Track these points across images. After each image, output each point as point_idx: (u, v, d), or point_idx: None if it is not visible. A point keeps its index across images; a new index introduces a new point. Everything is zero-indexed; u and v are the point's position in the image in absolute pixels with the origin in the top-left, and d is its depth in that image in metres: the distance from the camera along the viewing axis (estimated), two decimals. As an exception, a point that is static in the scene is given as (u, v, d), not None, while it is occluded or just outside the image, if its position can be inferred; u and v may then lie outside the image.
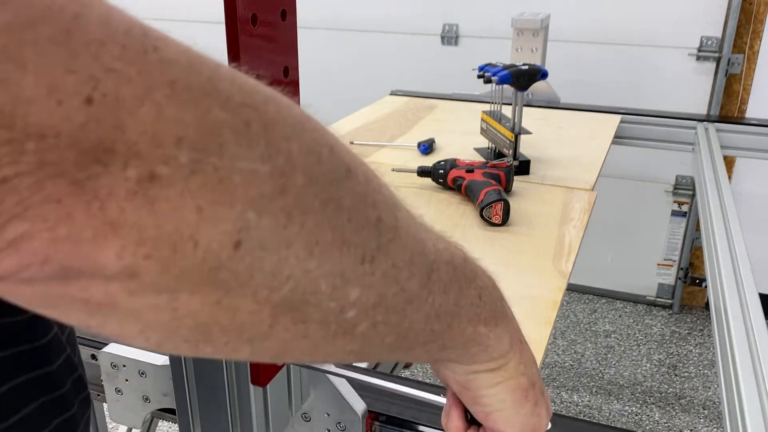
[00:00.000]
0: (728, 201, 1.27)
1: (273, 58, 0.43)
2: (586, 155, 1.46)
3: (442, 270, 0.30)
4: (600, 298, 2.68)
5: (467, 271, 0.32)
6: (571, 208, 1.16)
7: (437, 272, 0.29)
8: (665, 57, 2.33)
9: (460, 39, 2.57)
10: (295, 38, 0.45)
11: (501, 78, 1.30)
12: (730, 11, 2.22)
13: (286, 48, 0.44)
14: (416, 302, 0.28)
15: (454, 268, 0.31)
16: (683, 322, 2.54)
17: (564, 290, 0.90)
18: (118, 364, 0.67)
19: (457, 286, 0.31)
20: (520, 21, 1.88)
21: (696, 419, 2.03)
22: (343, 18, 2.69)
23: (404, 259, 0.27)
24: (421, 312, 0.28)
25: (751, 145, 1.84)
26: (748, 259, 1.03)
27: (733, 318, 0.89)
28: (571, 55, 2.38)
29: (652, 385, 2.18)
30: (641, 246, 2.57)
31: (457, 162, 1.21)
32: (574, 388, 2.16)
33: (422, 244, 0.29)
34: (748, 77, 2.31)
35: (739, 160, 2.37)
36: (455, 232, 1.04)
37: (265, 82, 0.23)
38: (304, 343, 0.24)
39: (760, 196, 2.37)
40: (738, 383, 0.76)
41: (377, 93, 2.05)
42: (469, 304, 0.32)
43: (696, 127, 1.83)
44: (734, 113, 2.35)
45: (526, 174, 1.32)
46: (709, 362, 2.29)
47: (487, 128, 1.45)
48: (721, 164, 1.51)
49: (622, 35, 2.36)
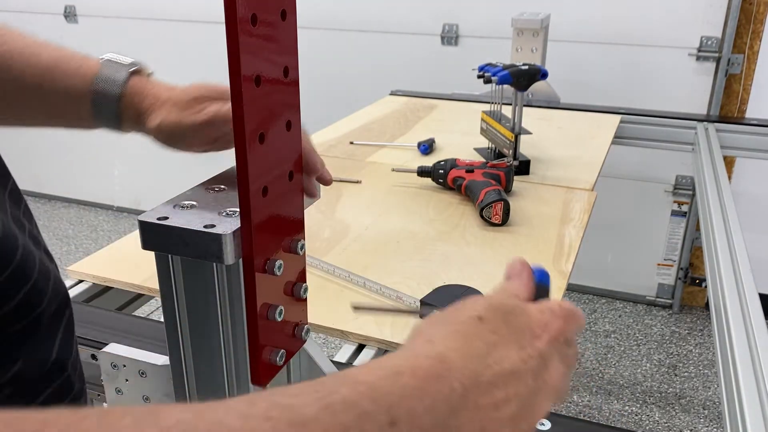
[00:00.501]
0: (728, 201, 1.27)
1: (273, 58, 0.43)
2: (586, 155, 1.46)
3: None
4: (600, 298, 2.68)
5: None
6: (571, 208, 1.16)
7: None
8: (665, 57, 2.33)
9: (460, 39, 2.57)
10: (295, 38, 0.45)
11: (501, 78, 1.30)
12: (730, 11, 2.22)
13: (286, 48, 0.44)
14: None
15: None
16: (683, 322, 2.54)
17: (564, 290, 0.90)
18: (118, 364, 0.67)
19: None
20: (520, 21, 1.88)
21: (696, 419, 2.03)
22: (343, 18, 2.69)
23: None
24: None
25: (751, 145, 1.84)
26: (748, 259, 1.04)
27: (733, 318, 0.89)
28: (571, 55, 2.38)
29: (652, 385, 2.18)
30: (641, 246, 2.57)
31: (457, 162, 1.21)
32: (574, 388, 2.16)
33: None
34: (748, 77, 2.31)
35: (739, 160, 2.37)
36: (455, 232, 1.04)
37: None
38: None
39: (760, 196, 2.37)
40: (738, 383, 0.76)
41: (377, 93, 2.05)
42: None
43: (696, 127, 1.83)
44: (734, 113, 2.35)
45: (526, 174, 1.32)
46: (709, 362, 2.29)
47: (487, 128, 1.45)
48: (721, 164, 1.51)
49: (622, 35, 2.36)
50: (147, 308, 1.97)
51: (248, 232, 0.43)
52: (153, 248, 0.45)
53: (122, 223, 3.36)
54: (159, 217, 0.44)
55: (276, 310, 0.47)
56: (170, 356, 0.51)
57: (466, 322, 0.36)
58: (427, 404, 0.30)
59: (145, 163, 3.26)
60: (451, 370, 0.32)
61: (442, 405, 0.30)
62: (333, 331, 0.80)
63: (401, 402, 0.29)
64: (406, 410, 0.29)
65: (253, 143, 0.41)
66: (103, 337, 0.76)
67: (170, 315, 0.49)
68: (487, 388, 0.33)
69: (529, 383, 0.35)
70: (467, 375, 0.32)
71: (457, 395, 0.31)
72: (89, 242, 3.17)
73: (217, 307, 0.47)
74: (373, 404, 0.28)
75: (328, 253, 0.98)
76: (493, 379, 0.33)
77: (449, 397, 0.31)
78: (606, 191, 1.49)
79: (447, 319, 0.37)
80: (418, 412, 0.29)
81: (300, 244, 0.50)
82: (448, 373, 0.32)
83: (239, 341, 0.48)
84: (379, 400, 0.28)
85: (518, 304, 0.39)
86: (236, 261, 0.44)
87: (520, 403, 0.34)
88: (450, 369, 0.32)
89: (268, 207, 0.44)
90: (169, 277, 0.48)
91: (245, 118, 0.40)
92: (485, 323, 0.36)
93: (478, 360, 0.34)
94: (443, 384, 0.31)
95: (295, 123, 0.47)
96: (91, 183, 3.48)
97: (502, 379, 0.34)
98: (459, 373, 0.32)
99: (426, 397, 0.30)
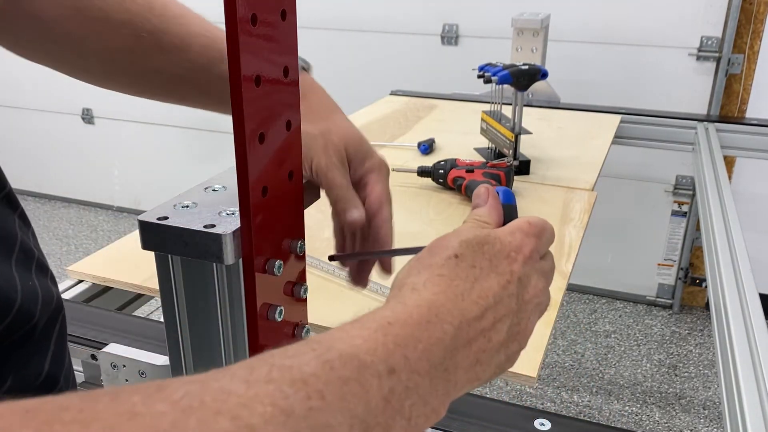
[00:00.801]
0: (728, 201, 1.27)
1: (273, 58, 0.43)
2: (586, 155, 1.46)
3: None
4: (600, 298, 2.68)
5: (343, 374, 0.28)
6: (571, 208, 1.16)
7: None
8: (665, 57, 2.33)
9: (460, 39, 2.57)
10: (295, 38, 0.45)
11: (501, 78, 1.30)
12: (730, 11, 2.22)
13: (286, 48, 0.44)
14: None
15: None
16: (683, 322, 2.54)
17: (564, 290, 0.90)
18: (118, 365, 0.67)
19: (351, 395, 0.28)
20: (520, 21, 1.88)
21: (696, 419, 2.03)
22: (343, 18, 2.69)
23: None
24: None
25: (751, 145, 1.84)
26: (748, 259, 1.03)
27: (733, 318, 0.89)
28: (571, 55, 2.38)
29: (652, 385, 2.18)
30: (641, 246, 2.57)
31: (457, 162, 1.21)
32: (574, 388, 2.16)
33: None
34: (748, 77, 2.30)
35: (739, 160, 2.37)
36: (455, 232, 1.04)
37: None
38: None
39: (760, 196, 2.36)
40: (738, 383, 0.76)
41: (377, 93, 2.05)
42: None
43: (696, 127, 1.83)
44: (734, 113, 2.35)
45: (526, 174, 1.32)
46: (709, 362, 2.29)
47: (487, 128, 1.45)
48: (721, 164, 1.51)
49: (622, 35, 2.36)
50: (147, 308, 1.97)
51: (248, 232, 0.43)
52: (153, 248, 0.45)
53: (122, 223, 3.36)
54: (159, 217, 0.44)
55: (276, 311, 0.47)
56: (170, 356, 0.51)
57: (445, 263, 0.37)
58: (421, 350, 0.31)
59: (145, 163, 3.27)
60: (440, 314, 0.33)
61: (436, 348, 0.32)
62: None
63: (396, 350, 0.30)
64: (402, 357, 0.30)
65: (253, 143, 0.41)
66: (103, 337, 0.76)
67: (170, 315, 0.49)
68: (476, 322, 0.35)
69: (513, 306, 0.37)
70: (456, 315, 0.34)
71: (449, 337, 0.33)
72: (89, 242, 3.17)
73: (217, 307, 0.47)
74: (370, 356, 0.29)
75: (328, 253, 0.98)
76: (479, 313, 0.35)
77: (442, 340, 0.32)
78: (606, 191, 1.49)
79: (425, 263, 0.38)
80: (414, 358, 0.30)
81: (300, 244, 0.50)
82: (437, 318, 0.33)
83: (239, 341, 0.48)
84: (375, 351, 0.29)
85: (489, 233, 0.40)
86: (236, 261, 0.44)
87: (508, 328, 0.37)
88: (438, 313, 0.33)
89: (268, 207, 0.44)
90: (169, 277, 0.47)
91: (245, 118, 0.40)
92: (463, 260, 0.37)
93: (462, 298, 0.35)
94: (434, 328, 0.32)
95: (295, 123, 0.47)
96: (91, 183, 3.48)
97: (488, 311, 0.36)
98: (448, 315, 0.34)
99: (419, 344, 0.31)
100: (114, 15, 0.52)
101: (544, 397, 2.14)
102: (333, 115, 0.55)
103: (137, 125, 3.18)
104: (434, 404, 0.31)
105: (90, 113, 3.29)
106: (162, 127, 3.13)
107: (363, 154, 0.54)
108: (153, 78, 0.54)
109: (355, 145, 0.54)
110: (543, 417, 0.67)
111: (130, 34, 0.52)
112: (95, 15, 0.52)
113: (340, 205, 0.51)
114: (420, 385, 0.30)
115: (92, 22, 0.52)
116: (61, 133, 3.40)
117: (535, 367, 0.72)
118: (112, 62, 0.55)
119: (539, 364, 0.73)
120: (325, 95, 0.57)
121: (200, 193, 0.49)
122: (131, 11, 0.52)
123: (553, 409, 2.08)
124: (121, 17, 0.52)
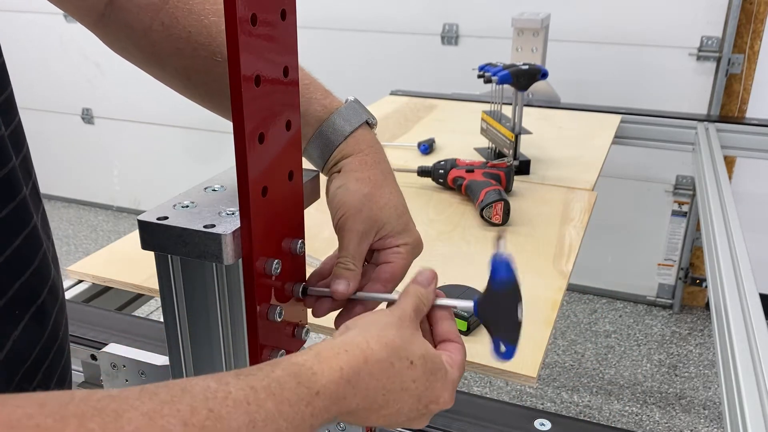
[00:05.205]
0: (728, 201, 1.27)
1: (273, 58, 0.42)
2: (586, 155, 1.46)
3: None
4: (600, 298, 2.68)
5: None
6: (571, 208, 1.16)
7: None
8: (665, 57, 2.33)
9: (460, 39, 2.57)
10: (295, 38, 0.45)
11: (501, 78, 1.30)
12: (730, 11, 2.22)
13: (286, 48, 0.44)
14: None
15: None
16: (683, 322, 2.54)
17: (564, 290, 0.90)
18: (118, 365, 0.67)
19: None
20: (520, 21, 1.88)
21: (696, 419, 2.03)
22: (343, 18, 2.69)
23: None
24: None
25: (751, 145, 1.84)
26: (748, 259, 1.03)
27: (733, 318, 0.89)
28: (571, 55, 2.38)
29: (653, 386, 2.18)
30: (641, 246, 2.57)
31: (457, 162, 1.21)
32: (574, 388, 2.16)
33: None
34: (749, 77, 2.30)
35: (739, 160, 2.37)
36: (455, 232, 1.04)
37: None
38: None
39: (760, 196, 2.36)
40: (738, 383, 0.76)
41: (377, 93, 2.05)
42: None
43: (696, 127, 1.83)
44: (734, 113, 2.35)
45: (526, 174, 1.32)
46: (709, 362, 2.29)
47: (487, 128, 1.45)
48: (722, 164, 1.51)
49: (622, 35, 2.35)
50: (147, 308, 1.97)
51: (248, 232, 0.43)
52: (153, 248, 0.45)
53: (122, 223, 3.36)
54: (159, 217, 0.44)
55: (275, 311, 0.47)
56: (170, 356, 0.51)
57: (397, 361, 0.42)
58: (335, 412, 0.38)
59: (145, 163, 3.26)
60: (356, 395, 0.39)
61: (345, 413, 0.39)
62: (333, 331, 0.80)
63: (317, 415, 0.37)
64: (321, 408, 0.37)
65: (253, 143, 0.41)
66: (102, 337, 0.76)
67: (170, 315, 0.49)
68: (377, 410, 0.41)
69: (408, 417, 0.44)
70: (367, 403, 0.40)
71: (353, 410, 0.40)
72: (89, 242, 3.17)
73: (216, 307, 0.47)
74: (287, 422, 0.35)
75: (328, 253, 0.98)
76: (383, 413, 0.42)
77: (349, 411, 0.40)
78: (606, 191, 1.49)
79: (385, 341, 0.42)
80: (331, 411, 0.38)
81: (300, 244, 0.50)
82: (352, 396, 0.39)
83: (239, 341, 0.48)
84: (294, 417, 0.35)
85: (445, 370, 0.45)
86: (236, 261, 0.44)
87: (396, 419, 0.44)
88: (356, 394, 0.39)
89: (267, 207, 0.44)
90: (169, 277, 0.47)
91: (245, 118, 0.40)
92: (413, 369, 0.42)
93: (382, 398, 0.41)
94: (346, 403, 0.39)
95: (295, 123, 0.47)
96: (91, 183, 3.48)
97: (391, 414, 0.42)
98: (361, 399, 0.40)
99: (333, 411, 0.38)
100: (196, 37, 0.55)
101: (544, 397, 2.14)
102: (385, 183, 0.56)
103: (137, 125, 3.18)
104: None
105: (90, 113, 3.29)
106: (162, 127, 3.12)
107: (401, 227, 0.56)
108: (224, 101, 0.56)
109: (396, 216, 0.55)
110: (543, 417, 0.67)
111: (208, 56, 0.55)
112: (179, 34, 0.55)
113: (338, 269, 0.53)
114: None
115: (176, 40, 0.55)
116: (61, 133, 3.40)
117: (535, 367, 0.72)
118: (188, 79, 0.58)
119: (539, 364, 0.73)
120: (383, 159, 0.58)
121: (200, 193, 0.49)
122: (212, 35, 0.55)
123: (553, 409, 2.08)
124: (201, 40, 0.55)
